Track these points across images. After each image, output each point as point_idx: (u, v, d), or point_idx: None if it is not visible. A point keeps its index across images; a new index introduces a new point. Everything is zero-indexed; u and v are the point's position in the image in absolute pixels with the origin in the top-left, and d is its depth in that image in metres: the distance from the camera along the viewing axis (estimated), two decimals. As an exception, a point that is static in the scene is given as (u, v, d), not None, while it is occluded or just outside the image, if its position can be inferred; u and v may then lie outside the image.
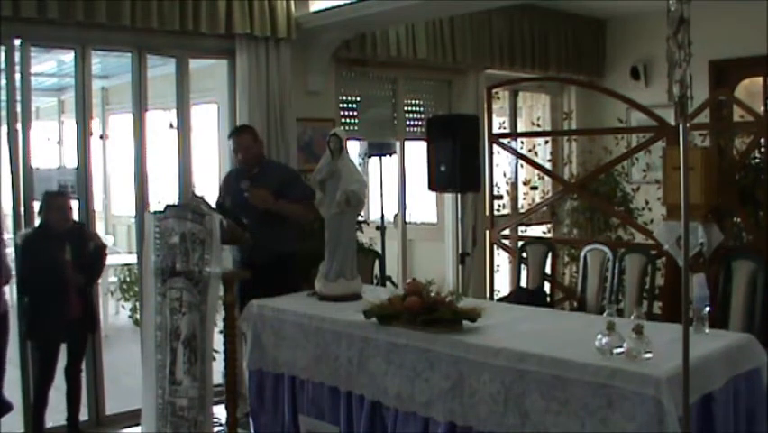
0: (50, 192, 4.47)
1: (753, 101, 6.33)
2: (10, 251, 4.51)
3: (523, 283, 5.86)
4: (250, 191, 4.40)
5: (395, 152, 6.02)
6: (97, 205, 5.96)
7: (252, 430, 4.05)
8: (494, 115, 7.18)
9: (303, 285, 4.32)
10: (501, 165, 7.10)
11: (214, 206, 4.72)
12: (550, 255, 5.74)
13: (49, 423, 4.45)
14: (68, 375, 4.48)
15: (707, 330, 3.04)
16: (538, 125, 7.96)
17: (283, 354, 3.78)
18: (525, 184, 7.60)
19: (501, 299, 6.11)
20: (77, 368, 4.51)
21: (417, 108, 6.82)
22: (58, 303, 4.25)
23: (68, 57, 5.80)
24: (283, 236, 4.49)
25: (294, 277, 4.38)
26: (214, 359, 3.86)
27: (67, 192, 4.55)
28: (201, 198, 4.61)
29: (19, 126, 4.55)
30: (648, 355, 2.62)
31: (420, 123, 6.74)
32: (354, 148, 5.63)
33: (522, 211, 7.31)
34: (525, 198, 7.62)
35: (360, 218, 5.08)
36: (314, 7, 5.35)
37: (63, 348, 4.46)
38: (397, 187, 6.64)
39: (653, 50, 7.16)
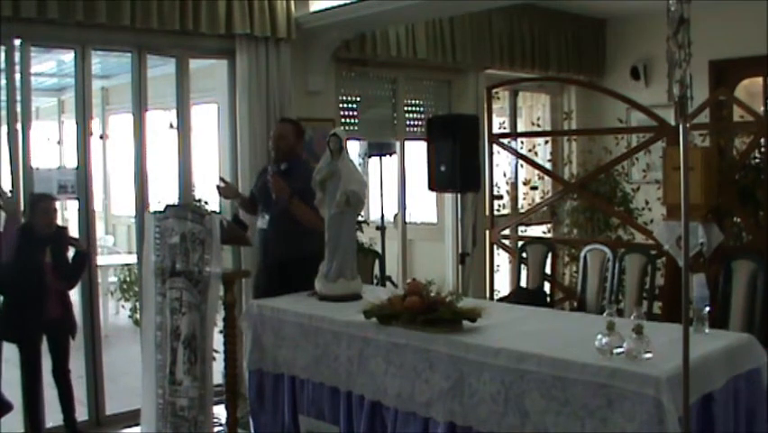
0: (35, 195, 4.44)
1: (753, 101, 6.34)
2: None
3: (523, 283, 5.86)
4: (272, 177, 4.35)
5: (395, 152, 6.02)
6: (97, 205, 5.95)
7: (252, 430, 4.05)
8: (494, 115, 7.18)
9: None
10: (501, 165, 7.10)
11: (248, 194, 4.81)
12: (550, 255, 5.74)
13: (49, 423, 4.46)
14: (56, 378, 4.47)
15: (707, 330, 3.04)
16: (538, 125, 7.96)
17: (283, 355, 3.78)
18: (525, 184, 7.60)
19: (501, 299, 6.11)
20: (63, 370, 4.48)
21: (417, 108, 6.82)
22: (35, 304, 4.24)
23: (68, 57, 5.80)
24: (304, 236, 4.35)
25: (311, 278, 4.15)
26: (214, 359, 3.86)
27: (52, 195, 4.51)
28: (229, 184, 4.64)
29: (19, 126, 4.55)
30: (648, 355, 2.62)
31: (420, 123, 6.73)
32: (354, 148, 5.63)
33: (522, 211, 7.31)
34: (525, 198, 7.62)
35: (360, 218, 5.07)
36: (314, 7, 5.35)
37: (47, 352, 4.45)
38: (397, 187, 6.64)
39: (653, 50, 7.16)
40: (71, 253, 4.54)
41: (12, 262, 4.22)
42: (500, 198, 7.16)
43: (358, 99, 6.34)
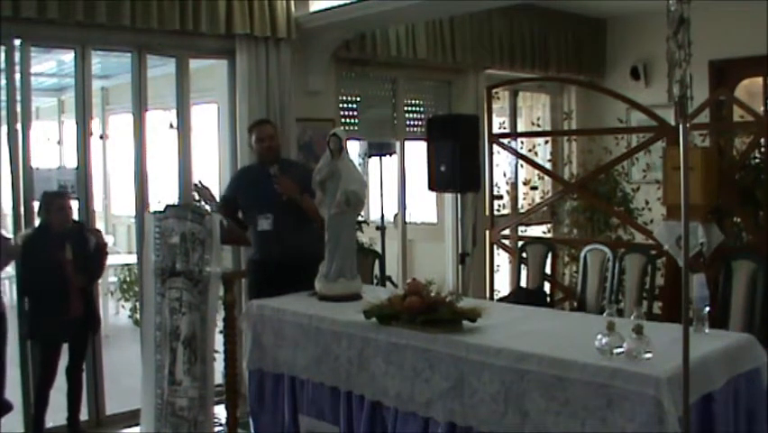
0: (49, 192, 4.46)
1: (753, 101, 6.34)
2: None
3: (523, 283, 5.86)
4: (278, 177, 4.35)
5: (395, 152, 6.02)
6: (97, 205, 5.95)
7: (252, 430, 4.05)
8: (494, 115, 7.18)
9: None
10: (501, 165, 7.10)
11: (219, 199, 4.74)
12: (550, 255, 5.74)
13: (49, 423, 4.46)
14: (70, 375, 4.48)
15: (707, 330, 3.04)
16: (538, 125, 7.96)
17: (283, 354, 3.78)
18: (525, 184, 7.60)
19: (501, 299, 6.11)
20: (78, 368, 4.52)
21: (417, 108, 6.82)
22: (58, 303, 4.26)
23: (68, 57, 5.80)
24: (309, 234, 4.37)
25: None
26: (214, 359, 3.86)
27: (66, 192, 4.54)
28: (207, 189, 4.61)
29: (19, 126, 4.55)
30: (648, 355, 2.62)
31: (420, 123, 6.73)
32: (354, 148, 5.63)
33: (522, 211, 7.31)
34: (525, 198, 7.62)
35: (360, 218, 5.07)
36: (314, 7, 5.35)
37: (65, 348, 4.46)
38: (397, 187, 6.64)
39: (653, 50, 7.16)
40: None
41: (33, 261, 4.23)
42: (500, 198, 7.16)
43: (358, 99, 6.33)
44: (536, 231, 7.50)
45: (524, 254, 5.91)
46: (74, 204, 4.69)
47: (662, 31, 2.43)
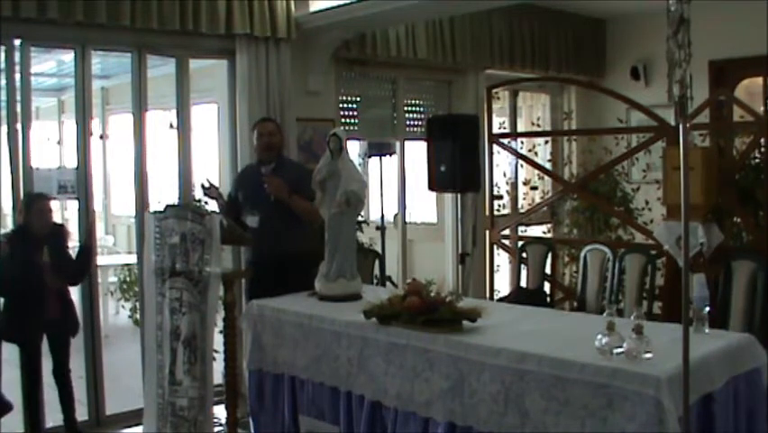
0: (30, 194, 4.43)
1: (753, 101, 6.34)
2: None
3: (523, 283, 5.86)
4: (267, 178, 4.38)
5: (395, 152, 6.02)
6: (97, 205, 5.95)
7: (252, 430, 4.05)
8: (494, 115, 7.18)
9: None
10: (501, 165, 7.10)
11: (225, 197, 4.75)
12: (550, 255, 5.74)
13: (49, 423, 4.46)
14: (57, 378, 4.45)
15: (707, 330, 3.04)
16: (538, 125, 7.96)
17: (283, 354, 3.78)
18: (525, 184, 7.60)
19: (501, 299, 6.11)
20: (64, 370, 4.47)
21: (417, 108, 6.82)
22: (34, 304, 4.23)
23: (68, 57, 5.79)
24: (296, 233, 4.42)
25: (309, 278, 4.13)
26: (214, 359, 3.86)
27: (47, 194, 4.50)
28: (215, 187, 4.63)
29: (19, 126, 4.56)
30: (648, 355, 2.63)
31: (420, 123, 6.73)
32: (354, 148, 5.63)
33: (522, 211, 7.31)
34: (525, 198, 7.63)
35: (360, 218, 5.07)
36: (314, 7, 5.35)
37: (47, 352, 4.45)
38: (397, 187, 6.64)
39: (653, 50, 7.16)
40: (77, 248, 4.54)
41: (11, 262, 4.22)
42: (500, 198, 7.16)
43: (358, 99, 6.34)
44: (536, 231, 7.50)
45: (524, 254, 5.91)
46: (72, 204, 4.68)
47: (662, 31, 2.43)
